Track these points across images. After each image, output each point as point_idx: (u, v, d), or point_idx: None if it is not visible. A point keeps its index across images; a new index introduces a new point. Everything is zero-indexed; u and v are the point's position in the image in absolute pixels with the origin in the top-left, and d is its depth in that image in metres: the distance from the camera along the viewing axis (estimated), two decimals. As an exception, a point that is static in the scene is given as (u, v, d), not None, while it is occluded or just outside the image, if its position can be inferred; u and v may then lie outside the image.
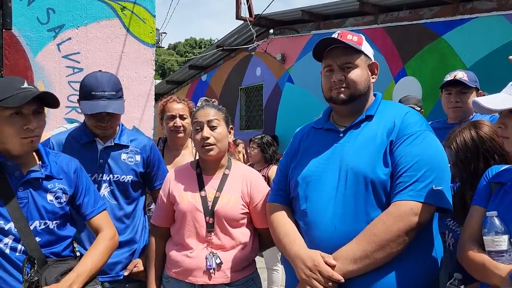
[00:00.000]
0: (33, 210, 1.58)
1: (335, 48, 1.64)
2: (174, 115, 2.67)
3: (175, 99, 2.72)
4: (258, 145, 4.51)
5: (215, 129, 1.89)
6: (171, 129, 2.70)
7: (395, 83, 6.20)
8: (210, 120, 1.89)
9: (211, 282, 1.81)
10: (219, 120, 1.91)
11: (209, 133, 1.88)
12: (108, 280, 1.97)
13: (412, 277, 1.51)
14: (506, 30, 4.89)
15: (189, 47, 40.99)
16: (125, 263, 2.10)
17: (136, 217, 2.16)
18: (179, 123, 2.66)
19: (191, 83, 11.43)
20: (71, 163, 1.75)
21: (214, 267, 1.81)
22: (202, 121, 1.90)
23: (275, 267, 4.26)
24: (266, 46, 8.38)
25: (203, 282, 1.82)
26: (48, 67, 3.64)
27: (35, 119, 1.56)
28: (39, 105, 1.59)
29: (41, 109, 1.60)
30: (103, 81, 2.00)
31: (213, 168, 1.96)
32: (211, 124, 1.89)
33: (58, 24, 3.66)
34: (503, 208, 1.39)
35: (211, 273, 1.81)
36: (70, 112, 3.66)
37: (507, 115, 1.38)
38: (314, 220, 1.58)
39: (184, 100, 2.74)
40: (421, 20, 5.94)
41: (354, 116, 1.67)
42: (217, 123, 1.90)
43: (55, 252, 1.61)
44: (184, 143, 2.78)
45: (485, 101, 1.39)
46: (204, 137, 1.87)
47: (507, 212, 1.37)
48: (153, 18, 4.00)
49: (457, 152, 1.73)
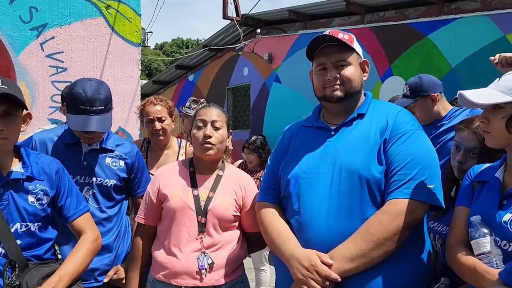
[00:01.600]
0: (13, 212, 1.54)
1: (328, 46, 1.64)
2: (152, 119, 2.63)
3: (152, 101, 2.66)
4: (254, 150, 4.42)
5: (218, 130, 1.88)
6: (151, 133, 2.67)
7: (381, 83, 6.24)
8: (215, 121, 1.88)
9: (202, 284, 1.76)
10: (223, 122, 1.90)
11: (212, 133, 1.86)
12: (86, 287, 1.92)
13: (406, 275, 1.51)
14: (490, 30, 4.96)
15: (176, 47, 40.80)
16: (104, 269, 2.04)
17: (119, 221, 2.12)
18: (158, 126, 2.63)
19: (178, 83, 11.36)
20: (53, 164, 1.70)
21: (206, 267, 1.76)
22: (207, 120, 1.88)
23: (263, 267, 4.24)
24: (253, 46, 8.37)
25: (193, 285, 1.76)
26: (31, 66, 3.57)
27: (2, 120, 1.48)
28: (8, 106, 1.50)
29: (12, 111, 1.51)
30: (92, 94, 1.90)
31: (208, 168, 1.93)
32: (215, 124, 1.87)
33: (41, 22, 3.60)
34: (486, 205, 1.40)
35: (203, 274, 1.76)
36: (54, 112, 3.60)
37: (490, 110, 1.39)
38: (308, 219, 1.56)
39: (161, 101, 2.68)
40: (407, 20, 5.99)
41: (345, 115, 1.67)
42: (220, 125, 1.89)
43: (36, 255, 1.57)
44: (167, 143, 2.76)
45: (470, 94, 1.39)
46: (207, 135, 1.84)
47: (490, 209, 1.38)
48: (139, 17, 3.96)
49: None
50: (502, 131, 1.36)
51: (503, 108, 1.35)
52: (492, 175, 1.45)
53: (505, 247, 1.30)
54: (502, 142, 1.39)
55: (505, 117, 1.35)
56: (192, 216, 1.81)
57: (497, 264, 1.29)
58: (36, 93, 3.55)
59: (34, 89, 3.57)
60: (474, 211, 1.43)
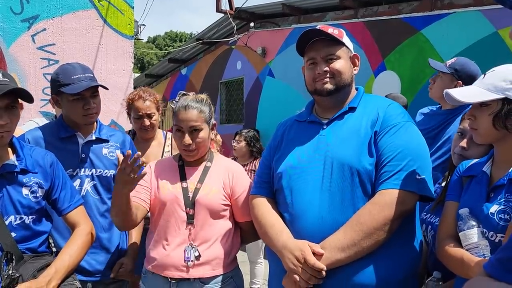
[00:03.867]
0: (8, 205, 1.54)
1: (317, 41, 1.66)
2: (141, 115, 2.63)
3: (142, 95, 2.64)
4: (244, 138, 4.39)
5: (198, 132, 1.86)
6: (140, 128, 2.68)
7: (374, 77, 6.26)
8: (192, 126, 1.85)
9: (187, 276, 1.77)
10: (202, 123, 1.87)
11: (190, 139, 1.85)
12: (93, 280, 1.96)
13: (397, 265, 1.53)
14: (482, 25, 4.99)
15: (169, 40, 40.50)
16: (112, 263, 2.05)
17: None
18: (147, 122, 2.64)
19: (171, 77, 11.29)
20: (47, 157, 1.70)
21: (193, 259, 1.77)
22: (184, 128, 1.85)
23: (258, 259, 4.26)
24: (247, 39, 8.34)
25: (178, 276, 1.77)
26: (22, 58, 3.53)
27: (6, 113, 1.51)
28: (12, 99, 1.53)
29: (15, 104, 1.55)
30: (77, 67, 1.99)
31: (195, 161, 1.95)
32: (193, 128, 1.86)
33: (32, 14, 3.55)
34: (474, 198, 1.43)
35: (189, 266, 1.77)
36: (46, 105, 3.56)
37: (477, 108, 1.42)
38: (300, 211, 1.58)
39: (150, 95, 2.67)
40: (400, 15, 6.00)
41: (337, 109, 1.69)
42: (200, 126, 1.86)
43: (31, 248, 1.57)
44: (153, 136, 2.77)
45: (457, 93, 1.43)
46: (186, 144, 1.85)
47: (477, 202, 1.41)
48: (132, 9, 3.93)
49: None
50: (489, 127, 1.39)
51: (489, 105, 1.38)
52: (480, 170, 1.48)
53: (492, 238, 1.33)
54: (489, 138, 1.43)
55: (491, 114, 1.38)
56: (180, 208, 1.83)
57: (484, 255, 1.32)
58: (27, 86, 3.51)
59: (25, 82, 3.54)
60: (462, 204, 1.46)
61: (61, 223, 1.83)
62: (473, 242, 1.35)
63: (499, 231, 1.32)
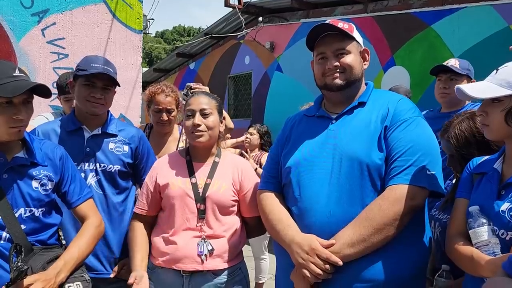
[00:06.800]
0: (18, 198, 1.55)
1: (328, 35, 1.65)
2: (161, 109, 2.64)
3: (164, 90, 2.67)
4: (258, 130, 4.60)
5: (207, 117, 1.89)
6: (157, 122, 2.69)
7: (384, 73, 6.21)
8: (203, 109, 1.89)
9: (201, 268, 1.79)
10: (212, 109, 1.91)
11: (201, 121, 1.88)
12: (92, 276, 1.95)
13: (406, 261, 1.52)
14: (494, 20, 4.92)
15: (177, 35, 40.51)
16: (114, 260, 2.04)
17: (127, 208, 2.09)
18: (165, 117, 2.65)
19: (179, 71, 11.30)
20: (57, 150, 1.72)
21: (206, 253, 1.79)
22: (195, 109, 1.89)
23: (262, 256, 4.28)
24: (255, 34, 8.31)
25: (193, 269, 1.79)
26: (32, 52, 3.55)
27: (24, 108, 1.54)
28: (29, 95, 1.55)
29: (30, 99, 1.58)
30: (101, 59, 2.03)
31: (203, 156, 1.95)
32: (204, 112, 1.89)
33: (42, 8, 3.57)
34: (485, 196, 1.42)
35: (203, 259, 1.79)
36: (55, 99, 3.59)
37: (488, 104, 1.40)
38: (309, 205, 1.58)
39: (172, 91, 2.69)
40: (410, 10, 5.93)
41: (346, 103, 1.68)
42: (210, 112, 1.90)
43: (40, 240, 1.59)
44: (170, 131, 2.78)
45: (469, 88, 1.41)
46: (195, 124, 1.87)
47: (488, 199, 1.39)
48: (140, 4, 3.93)
49: (456, 145, 1.73)
50: (501, 124, 1.37)
51: (502, 101, 1.36)
52: (490, 167, 1.47)
53: (503, 236, 1.32)
54: (501, 134, 1.41)
55: (503, 110, 1.36)
56: (191, 203, 1.83)
57: (495, 253, 1.31)
58: (37, 79, 3.53)
59: (35, 75, 3.56)
60: (472, 202, 1.44)
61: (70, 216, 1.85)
62: (483, 240, 1.33)
63: (510, 229, 1.30)
